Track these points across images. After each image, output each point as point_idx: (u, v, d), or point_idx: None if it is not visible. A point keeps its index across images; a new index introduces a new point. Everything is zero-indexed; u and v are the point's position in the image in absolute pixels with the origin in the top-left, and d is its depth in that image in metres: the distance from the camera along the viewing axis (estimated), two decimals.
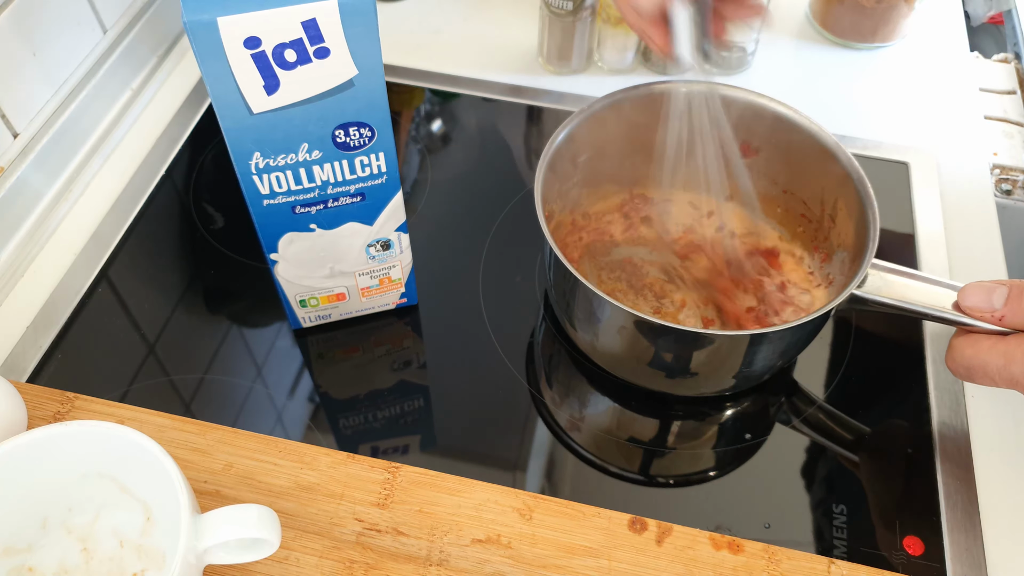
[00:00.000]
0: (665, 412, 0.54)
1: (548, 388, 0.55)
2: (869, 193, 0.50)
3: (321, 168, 0.46)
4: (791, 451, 0.53)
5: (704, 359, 0.48)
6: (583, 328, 0.52)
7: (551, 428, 0.53)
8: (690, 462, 0.52)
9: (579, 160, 0.56)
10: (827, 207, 0.55)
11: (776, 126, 0.55)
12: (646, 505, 0.50)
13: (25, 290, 0.59)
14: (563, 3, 0.68)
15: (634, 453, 0.52)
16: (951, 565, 0.47)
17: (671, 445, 0.53)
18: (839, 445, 0.53)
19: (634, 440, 0.53)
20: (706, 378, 0.51)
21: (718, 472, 0.52)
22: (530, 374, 0.56)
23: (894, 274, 0.48)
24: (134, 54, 0.71)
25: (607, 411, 0.54)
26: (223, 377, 0.55)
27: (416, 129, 0.71)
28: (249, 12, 0.38)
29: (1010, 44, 0.79)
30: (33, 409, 0.49)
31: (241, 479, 0.47)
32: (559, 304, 0.53)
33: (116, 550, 0.44)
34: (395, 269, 0.54)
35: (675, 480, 0.51)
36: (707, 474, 0.52)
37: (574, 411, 0.54)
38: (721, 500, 0.50)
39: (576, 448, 0.52)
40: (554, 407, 0.54)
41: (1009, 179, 0.68)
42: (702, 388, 0.52)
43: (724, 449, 0.53)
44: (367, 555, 0.45)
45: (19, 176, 0.60)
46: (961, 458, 0.52)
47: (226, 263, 0.61)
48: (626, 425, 0.54)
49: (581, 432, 0.53)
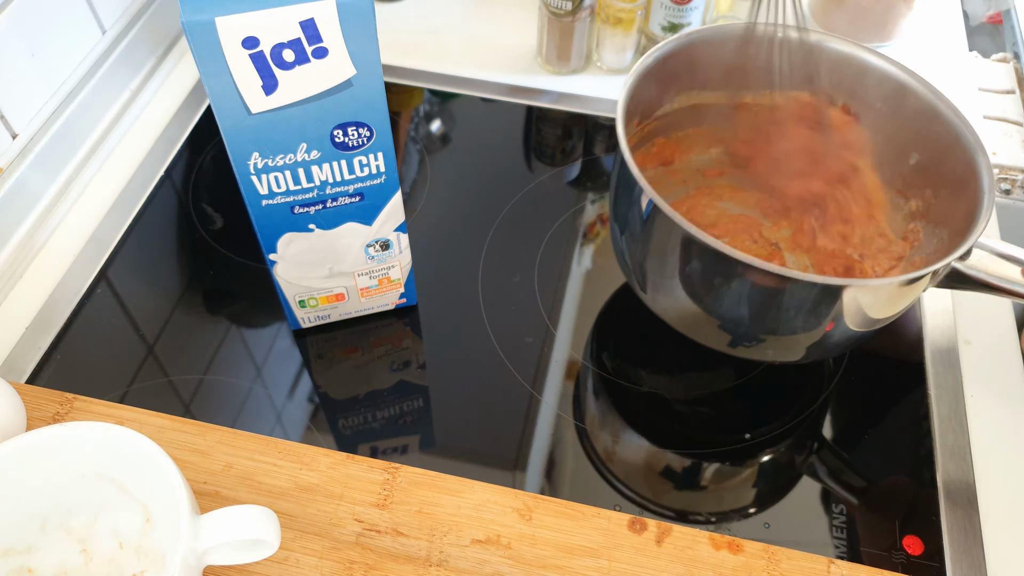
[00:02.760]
0: (666, 413, 0.54)
1: (548, 388, 0.55)
2: (988, 158, 0.48)
3: (320, 168, 0.46)
4: (791, 451, 0.53)
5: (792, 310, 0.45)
6: (657, 267, 0.49)
7: (551, 428, 0.53)
8: (691, 462, 0.52)
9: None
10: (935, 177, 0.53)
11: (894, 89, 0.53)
12: (646, 505, 0.50)
13: (24, 291, 0.59)
14: (562, 3, 0.68)
15: (634, 453, 0.52)
16: (951, 565, 0.47)
17: (672, 446, 0.53)
18: (839, 445, 0.53)
19: (634, 440, 0.53)
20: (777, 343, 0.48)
21: (718, 472, 0.52)
22: (530, 375, 0.56)
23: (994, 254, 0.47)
24: (133, 54, 0.71)
25: (607, 411, 0.54)
26: (222, 378, 0.55)
27: (415, 129, 0.71)
28: (247, 12, 0.38)
29: (1009, 44, 0.79)
30: (32, 410, 0.49)
31: (240, 480, 0.47)
32: (628, 242, 0.50)
33: (115, 551, 0.43)
34: (394, 269, 0.54)
35: (675, 480, 0.51)
36: (708, 474, 0.52)
37: (574, 411, 0.54)
38: (721, 500, 0.50)
39: (577, 448, 0.52)
40: (554, 407, 0.54)
41: (1008, 179, 0.68)
42: (768, 353, 0.50)
43: (724, 449, 0.53)
44: (367, 556, 0.45)
45: (18, 177, 0.60)
46: (961, 458, 0.52)
47: (225, 264, 0.61)
48: (626, 426, 0.54)
49: (581, 432, 0.53)
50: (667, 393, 0.55)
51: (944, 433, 0.53)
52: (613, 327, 0.58)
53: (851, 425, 0.54)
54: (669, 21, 0.70)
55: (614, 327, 0.58)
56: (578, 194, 0.66)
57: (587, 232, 0.64)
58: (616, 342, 0.58)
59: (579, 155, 0.69)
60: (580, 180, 0.67)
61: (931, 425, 0.53)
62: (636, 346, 0.56)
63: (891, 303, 0.47)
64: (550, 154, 0.70)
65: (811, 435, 0.53)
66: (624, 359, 0.57)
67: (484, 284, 0.60)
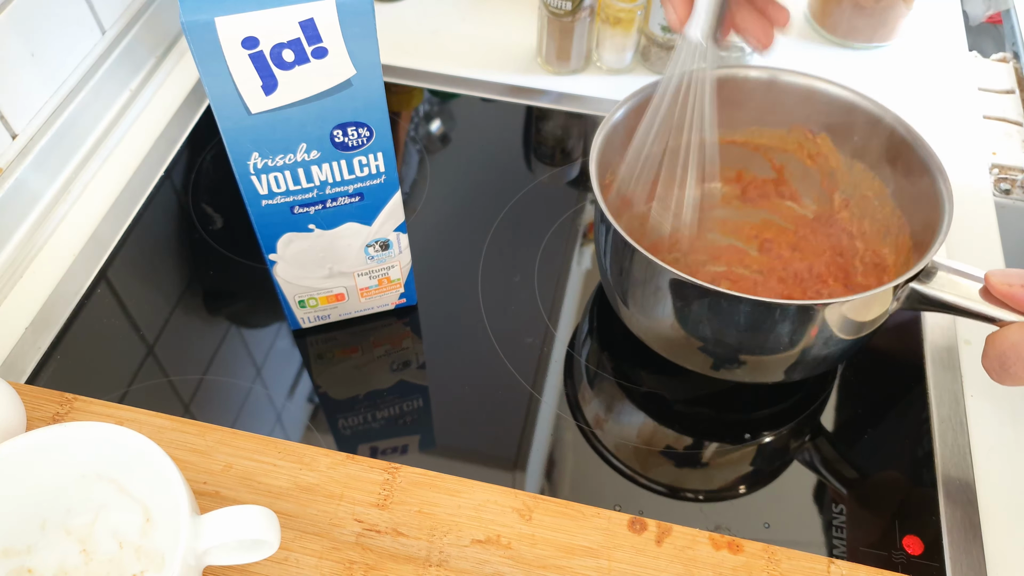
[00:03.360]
0: (666, 413, 0.54)
1: (548, 388, 0.55)
2: (948, 184, 0.49)
3: (319, 168, 0.46)
4: (791, 451, 0.53)
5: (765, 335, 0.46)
6: (635, 298, 0.50)
7: (551, 428, 0.53)
8: (691, 462, 0.52)
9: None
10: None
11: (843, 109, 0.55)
12: (646, 505, 0.50)
13: (24, 291, 0.59)
14: (562, 3, 0.68)
15: (634, 453, 0.52)
16: (951, 565, 0.47)
17: (672, 446, 0.53)
18: (839, 444, 0.53)
19: (634, 440, 0.53)
20: (756, 366, 0.49)
21: (718, 472, 0.52)
22: (530, 375, 0.56)
23: (956, 274, 0.46)
24: (133, 55, 0.71)
25: (607, 411, 0.54)
26: (222, 378, 0.55)
27: (415, 129, 0.71)
28: (247, 12, 0.38)
29: (1008, 44, 0.79)
30: (32, 410, 0.49)
31: (240, 480, 0.47)
32: (612, 272, 0.51)
33: (115, 551, 0.43)
34: (394, 269, 0.54)
35: (675, 480, 0.51)
36: (708, 474, 0.52)
37: (574, 411, 0.54)
38: (721, 500, 0.50)
39: (576, 448, 0.52)
40: (554, 407, 0.54)
41: (1008, 178, 0.68)
42: (749, 375, 0.51)
43: (724, 449, 0.53)
44: (367, 556, 0.45)
45: (18, 177, 0.60)
46: (961, 457, 0.52)
47: (225, 264, 0.61)
48: (626, 426, 0.54)
49: (581, 432, 0.53)
50: (667, 393, 0.55)
51: (944, 432, 0.53)
52: (613, 327, 0.58)
53: (851, 424, 0.54)
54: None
55: (614, 327, 0.58)
56: (578, 194, 0.66)
57: (587, 232, 0.64)
58: (616, 342, 0.58)
59: (579, 155, 0.69)
60: (580, 180, 0.67)
61: (931, 424, 0.53)
62: (636, 346, 0.56)
63: (860, 317, 0.47)
64: (550, 154, 0.70)
65: (811, 435, 0.53)
66: (624, 359, 0.57)
67: (484, 284, 0.60)
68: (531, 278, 0.60)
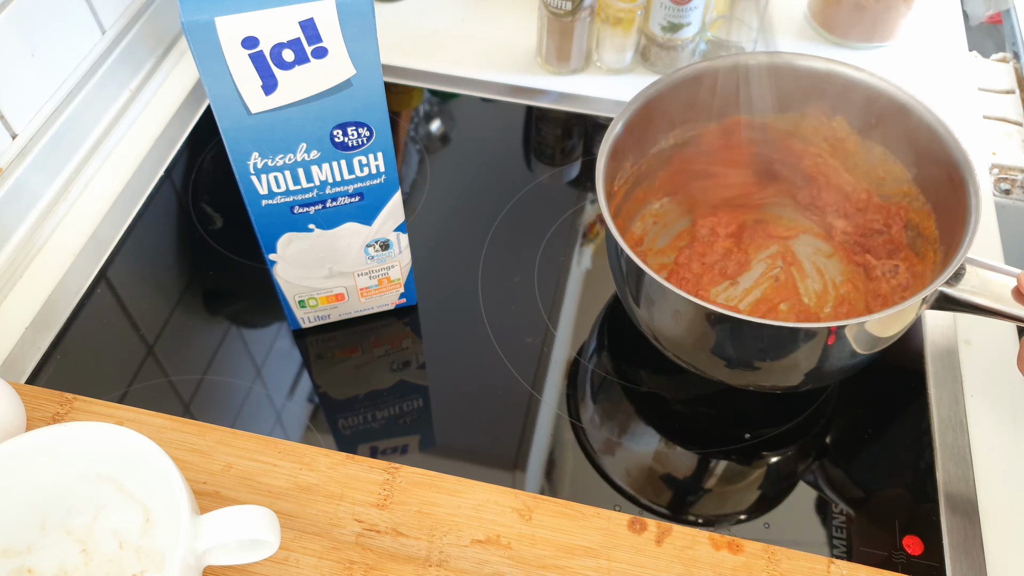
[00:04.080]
0: (665, 412, 0.54)
1: (548, 388, 0.55)
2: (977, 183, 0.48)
3: (319, 168, 0.46)
4: (791, 450, 0.53)
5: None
6: (647, 305, 0.50)
7: (551, 428, 0.53)
8: (691, 462, 0.52)
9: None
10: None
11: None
12: (646, 505, 0.50)
13: (24, 291, 0.59)
14: (562, 3, 0.68)
15: (634, 453, 0.52)
16: (951, 565, 0.47)
17: (671, 445, 0.53)
18: (838, 444, 0.53)
19: (634, 440, 0.53)
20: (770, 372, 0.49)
21: (718, 472, 0.52)
22: (530, 375, 0.56)
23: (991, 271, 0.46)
24: (133, 54, 0.71)
25: (607, 411, 0.54)
26: (222, 378, 0.55)
27: (415, 129, 0.71)
28: (247, 12, 0.38)
29: (1009, 44, 0.79)
30: (32, 410, 0.49)
31: (240, 480, 0.47)
32: (623, 280, 0.51)
33: (115, 551, 0.43)
34: (394, 269, 0.54)
35: (675, 480, 0.51)
36: (708, 474, 0.52)
37: (574, 412, 0.54)
38: (721, 500, 0.50)
39: (576, 448, 0.52)
40: (554, 407, 0.54)
41: (1008, 178, 0.68)
42: (767, 381, 0.50)
43: (724, 448, 0.53)
44: (366, 556, 0.45)
45: (18, 177, 0.60)
46: (961, 458, 0.52)
47: (225, 264, 0.61)
48: (626, 427, 0.54)
49: (581, 432, 0.53)
50: (667, 393, 0.55)
51: (944, 433, 0.53)
52: (613, 327, 0.58)
53: (851, 425, 0.54)
54: (669, 21, 0.70)
55: (614, 327, 0.58)
56: (578, 194, 0.66)
57: (587, 232, 0.64)
58: (616, 342, 0.58)
59: (579, 155, 0.69)
60: (580, 180, 0.67)
61: (931, 425, 0.53)
62: (636, 346, 0.56)
63: (883, 331, 0.47)
64: (550, 154, 0.70)
65: (811, 434, 0.53)
66: (624, 359, 0.57)
67: (484, 284, 0.60)
68: (531, 278, 0.60)
